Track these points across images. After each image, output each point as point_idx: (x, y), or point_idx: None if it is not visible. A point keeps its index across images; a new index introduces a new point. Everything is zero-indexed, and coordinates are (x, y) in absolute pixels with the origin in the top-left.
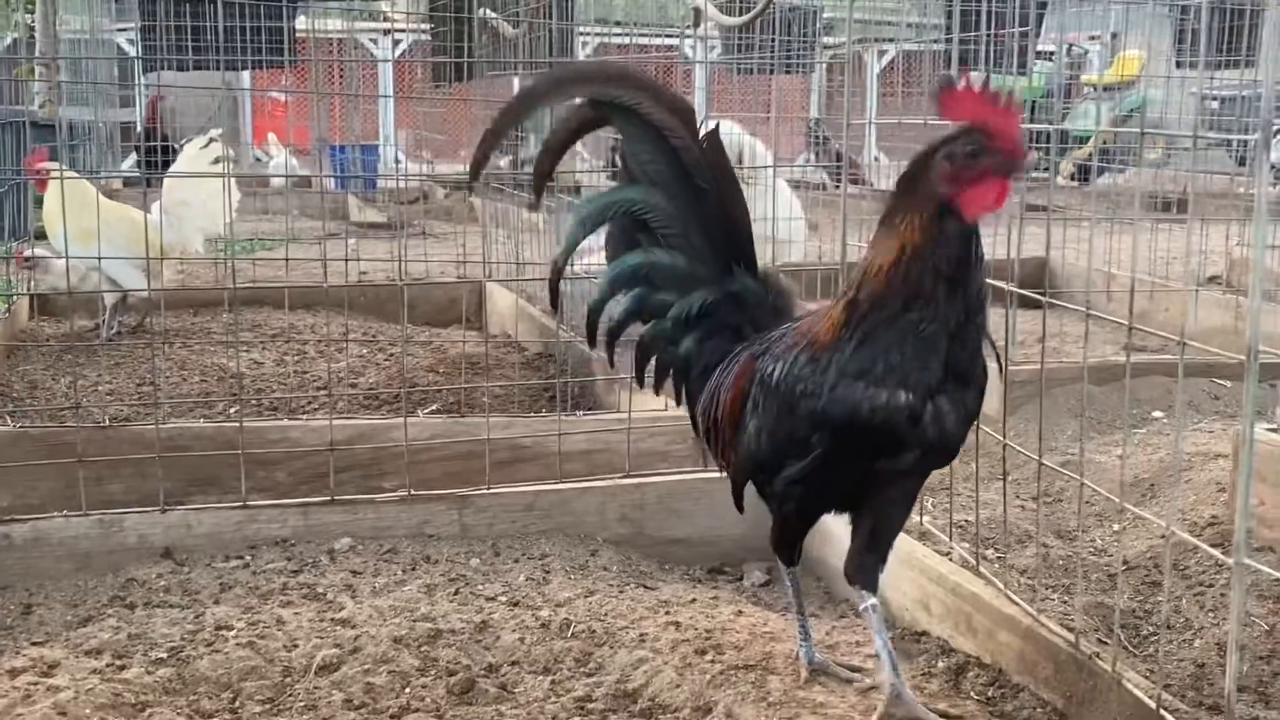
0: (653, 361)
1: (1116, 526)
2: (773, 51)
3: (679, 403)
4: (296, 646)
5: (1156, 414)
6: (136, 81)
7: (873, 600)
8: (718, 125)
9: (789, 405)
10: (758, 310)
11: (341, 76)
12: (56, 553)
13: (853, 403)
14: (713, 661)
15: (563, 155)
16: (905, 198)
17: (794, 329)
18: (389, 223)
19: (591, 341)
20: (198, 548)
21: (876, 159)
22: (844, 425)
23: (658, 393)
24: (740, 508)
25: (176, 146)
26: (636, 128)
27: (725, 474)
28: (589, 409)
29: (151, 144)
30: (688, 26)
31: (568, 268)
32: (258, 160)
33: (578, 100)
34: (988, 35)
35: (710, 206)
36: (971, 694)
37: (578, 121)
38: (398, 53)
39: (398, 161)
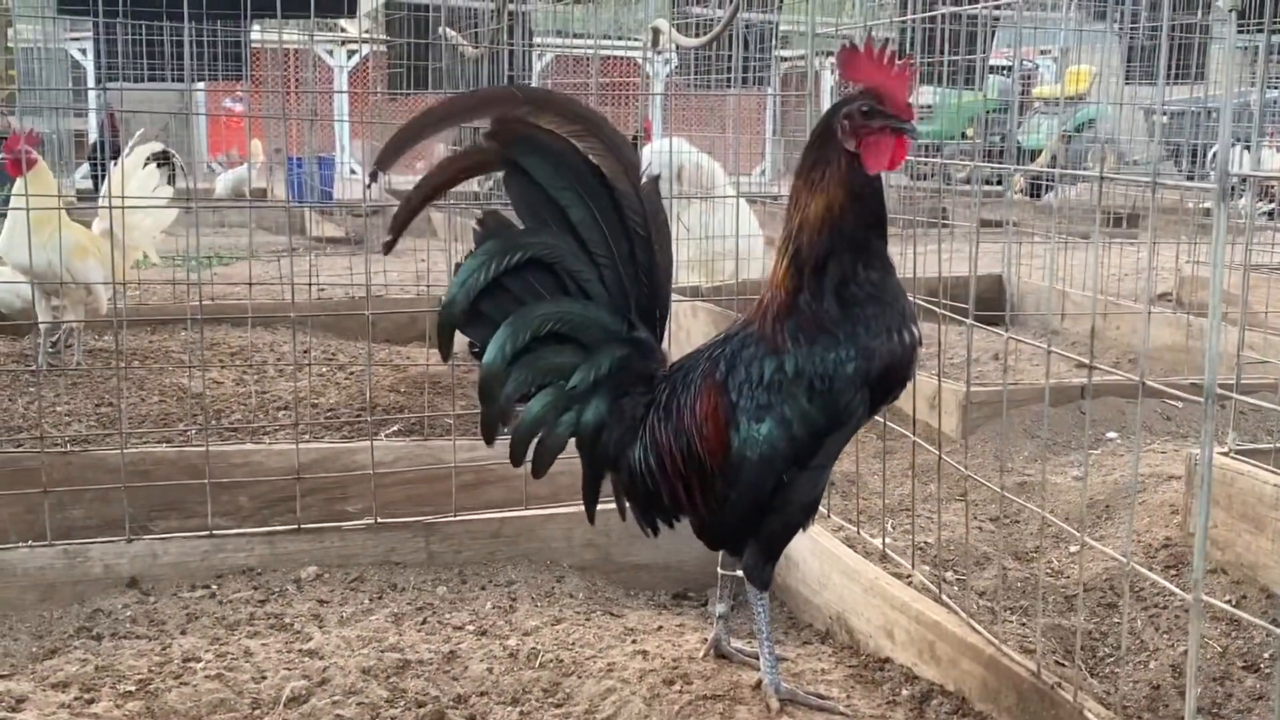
0: (543, 437)
1: (1074, 548)
2: (729, 68)
3: (593, 477)
4: (265, 678)
5: (1111, 435)
6: (92, 92)
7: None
8: (658, 177)
9: (826, 381)
10: (658, 354)
11: (298, 90)
12: (21, 583)
13: (888, 351)
14: (680, 692)
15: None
16: (819, 151)
17: (742, 336)
18: (347, 237)
19: (495, 417)
20: (164, 577)
21: None
22: (883, 374)
23: (540, 474)
24: (741, 550)
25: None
26: (568, 169)
27: (695, 521)
28: None
29: (105, 158)
30: (642, 42)
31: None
32: (211, 171)
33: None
34: (945, 56)
35: (639, 255)
36: None
37: (470, 162)
38: (353, 64)
39: (353, 173)
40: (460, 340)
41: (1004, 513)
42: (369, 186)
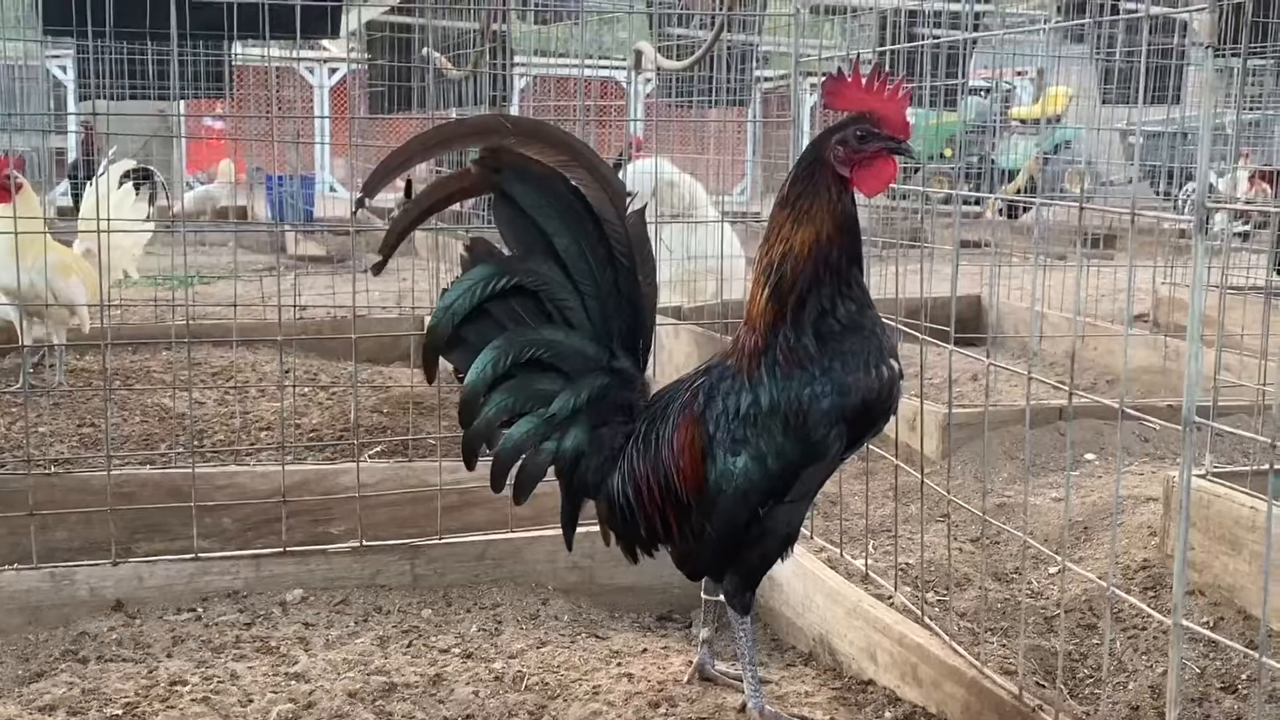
0: (523, 463)
1: (1053, 570)
2: (711, 89)
3: (572, 505)
4: (252, 702)
5: (1089, 456)
6: (70, 110)
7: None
8: (644, 208)
9: (800, 416)
10: (639, 384)
11: (279, 108)
12: (6, 606)
13: (865, 386)
14: (666, 714)
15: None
16: (808, 181)
17: (721, 368)
18: (329, 256)
19: (475, 440)
20: (149, 600)
21: None
22: (861, 409)
23: (521, 501)
24: (722, 577)
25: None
26: (555, 198)
27: (674, 551)
28: None
29: (86, 175)
30: (625, 63)
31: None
32: (190, 187)
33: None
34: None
35: (623, 285)
36: None
37: (458, 186)
38: (333, 81)
39: (333, 191)
40: (446, 363)
41: (984, 534)
42: (354, 213)
